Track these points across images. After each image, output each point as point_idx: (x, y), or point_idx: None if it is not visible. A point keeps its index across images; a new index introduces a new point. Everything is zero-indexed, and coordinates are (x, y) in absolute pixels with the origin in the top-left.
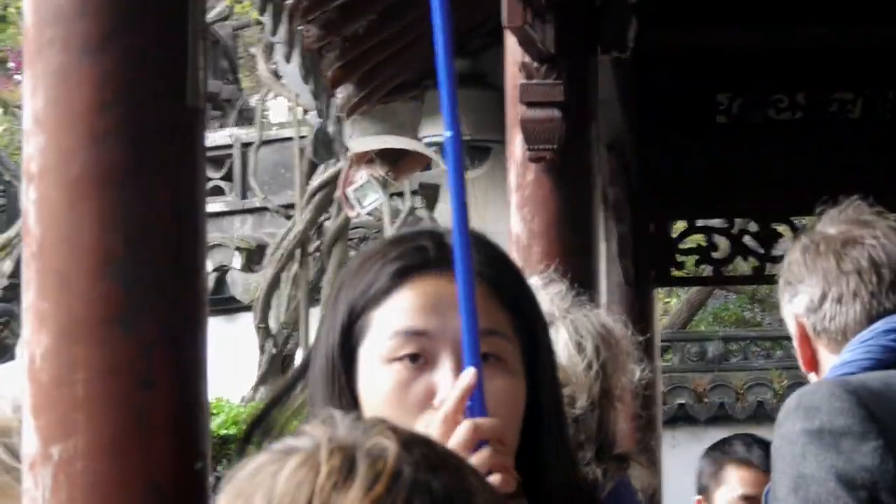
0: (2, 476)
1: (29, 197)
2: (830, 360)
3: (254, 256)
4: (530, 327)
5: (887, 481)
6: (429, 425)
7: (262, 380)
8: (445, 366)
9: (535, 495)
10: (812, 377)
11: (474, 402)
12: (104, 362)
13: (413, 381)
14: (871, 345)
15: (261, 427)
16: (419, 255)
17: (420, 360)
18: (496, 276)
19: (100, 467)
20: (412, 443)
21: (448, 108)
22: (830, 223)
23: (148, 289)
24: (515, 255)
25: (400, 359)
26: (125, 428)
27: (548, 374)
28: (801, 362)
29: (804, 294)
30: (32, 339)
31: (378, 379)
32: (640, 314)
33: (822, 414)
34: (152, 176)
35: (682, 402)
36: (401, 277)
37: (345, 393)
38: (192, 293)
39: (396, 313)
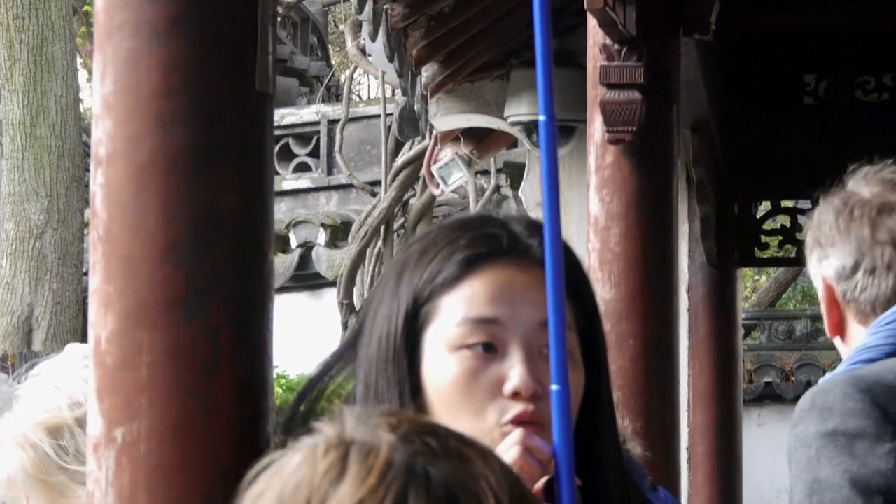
0: (57, 475)
1: (97, 181)
2: (857, 330)
3: (339, 233)
4: (588, 315)
5: None
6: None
7: None
8: (515, 356)
9: (591, 484)
10: (837, 342)
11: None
12: (168, 346)
13: (482, 369)
14: (893, 328)
15: (304, 404)
16: (490, 244)
17: (490, 349)
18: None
19: (163, 451)
20: (414, 433)
21: (543, 91)
22: (865, 183)
23: (212, 274)
24: (593, 238)
25: (470, 346)
26: (188, 412)
27: (604, 361)
28: (826, 325)
29: (835, 259)
30: (98, 322)
31: (446, 365)
32: (723, 294)
33: (835, 416)
34: (219, 162)
35: (769, 380)
36: (471, 266)
37: (406, 378)
38: (257, 278)
39: (467, 301)
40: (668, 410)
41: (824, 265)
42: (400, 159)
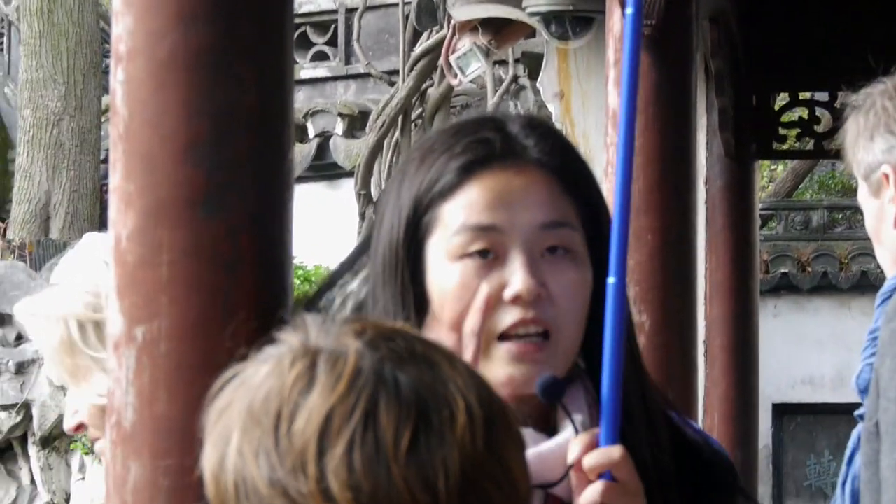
0: (79, 357)
1: (117, 78)
2: None
3: (356, 122)
4: (594, 215)
5: None
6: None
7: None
8: (516, 261)
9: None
10: (895, 234)
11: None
12: (188, 245)
13: (483, 276)
14: None
15: (315, 307)
16: (484, 148)
17: (490, 256)
18: (560, 164)
19: (183, 349)
20: (380, 338)
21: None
22: None
23: (232, 173)
24: (612, 131)
25: (470, 255)
26: (209, 311)
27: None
28: (891, 218)
29: None
30: (118, 220)
31: (447, 274)
32: (741, 186)
33: None
34: (239, 59)
35: (786, 271)
36: (467, 173)
37: (408, 289)
38: (277, 177)
39: (464, 209)
40: (686, 304)
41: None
42: (418, 49)
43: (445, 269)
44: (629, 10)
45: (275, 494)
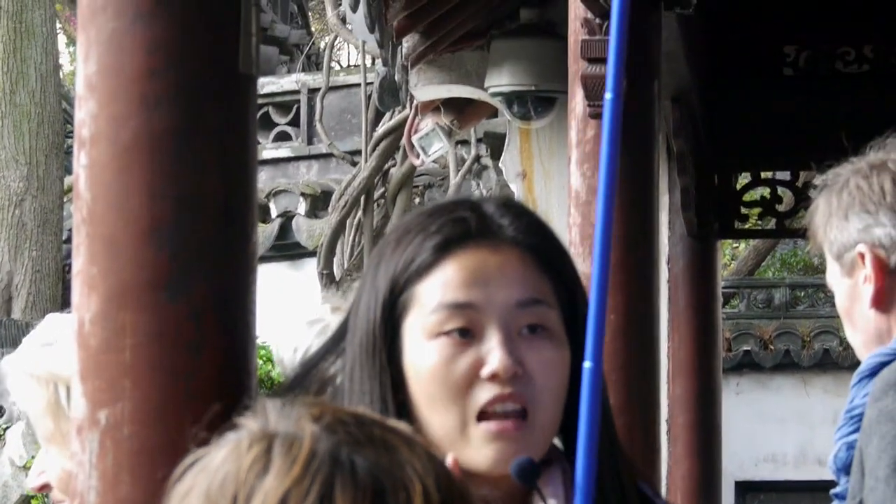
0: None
1: (80, 162)
2: None
3: (319, 202)
4: (571, 295)
5: None
6: None
7: None
8: (493, 338)
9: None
10: (872, 313)
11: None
12: (152, 328)
13: (460, 354)
14: None
15: (293, 394)
16: (460, 227)
17: (467, 335)
18: (536, 243)
19: (147, 433)
20: (337, 422)
21: (614, 68)
22: None
23: (196, 256)
24: (574, 212)
25: (447, 333)
26: (172, 394)
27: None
28: (866, 298)
29: (889, 228)
30: (81, 303)
31: (424, 353)
32: (703, 265)
33: None
34: (203, 143)
35: (748, 348)
36: (443, 251)
37: (385, 369)
38: (241, 260)
39: (440, 287)
40: (648, 384)
41: (873, 233)
42: (380, 129)
43: (422, 348)
44: (608, 96)
45: None
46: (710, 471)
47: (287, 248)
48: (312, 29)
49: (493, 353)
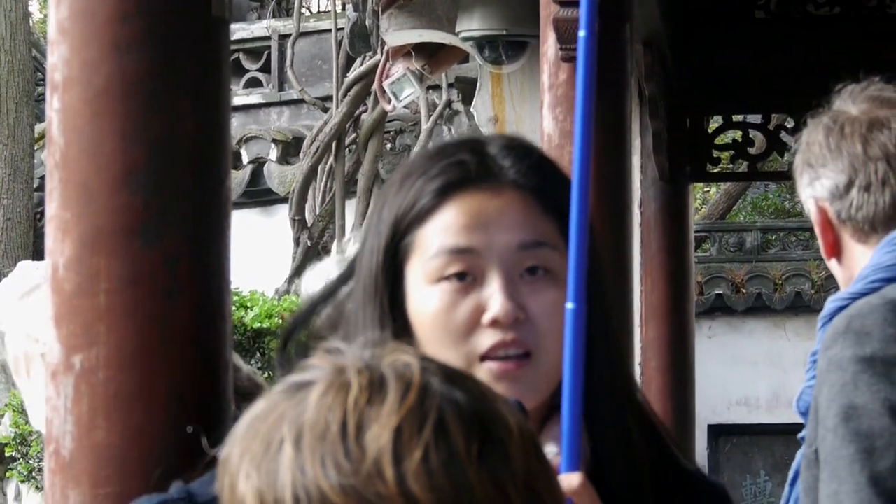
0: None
1: (53, 107)
2: (856, 249)
3: (290, 149)
4: None
5: None
6: None
7: (297, 272)
8: (493, 283)
9: (585, 406)
10: (833, 264)
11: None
12: (126, 273)
13: (461, 299)
14: None
15: (293, 341)
16: (460, 171)
17: (468, 279)
18: (538, 184)
19: (121, 377)
20: (426, 358)
21: (586, 5)
22: (852, 102)
23: (170, 200)
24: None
25: (447, 278)
26: (147, 339)
27: (596, 280)
28: (821, 248)
29: (828, 179)
30: (55, 248)
31: (425, 299)
32: (675, 209)
33: (874, 341)
34: (176, 87)
35: (720, 292)
36: (442, 195)
37: (387, 314)
38: (215, 205)
39: (441, 232)
40: (622, 326)
41: (816, 186)
42: (351, 75)
43: (423, 293)
44: (582, 33)
45: (349, 501)
46: (684, 414)
47: (259, 195)
48: None
49: (494, 298)
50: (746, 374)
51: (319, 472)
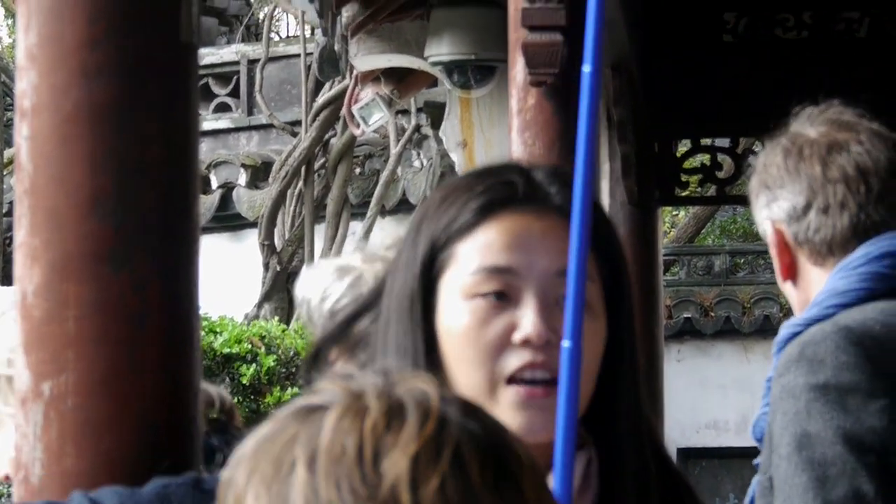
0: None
1: (21, 133)
2: (813, 272)
3: (259, 173)
4: (614, 270)
5: None
6: None
7: (266, 297)
8: (529, 304)
9: (606, 442)
10: (788, 286)
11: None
12: (95, 299)
13: (494, 317)
14: (864, 272)
15: (322, 355)
16: (506, 190)
17: (504, 298)
18: None
19: (91, 404)
20: (443, 388)
21: (592, 41)
22: (810, 124)
23: (139, 227)
24: None
25: (483, 295)
26: (116, 365)
27: (627, 313)
28: (777, 270)
29: (785, 201)
30: (24, 275)
31: (458, 313)
32: (644, 233)
33: (827, 368)
34: (145, 113)
35: (689, 315)
36: (487, 213)
37: (419, 326)
38: (183, 230)
39: (481, 249)
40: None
41: (773, 208)
42: (320, 99)
43: (457, 308)
44: (587, 69)
45: None
46: None
47: (228, 220)
48: (251, 0)
49: (527, 318)
50: (715, 397)
51: (334, 495)
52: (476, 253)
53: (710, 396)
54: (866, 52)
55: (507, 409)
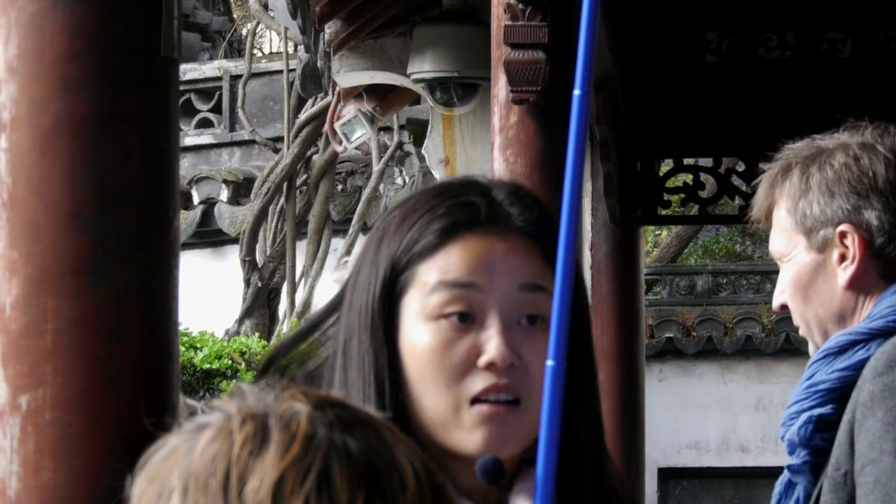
0: None
1: (0, 146)
2: (879, 286)
3: (241, 189)
4: (574, 290)
5: None
6: None
7: (247, 313)
8: (492, 326)
9: (564, 466)
10: (847, 294)
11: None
12: (74, 313)
13: (458, 339)
14: None
15: (275, 366)
16: (469, 212)
17: (468, 320)
18: (543, 235)
19: (68, 418)
20: (324, 404)
21: (583, 64)
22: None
23: (118, 241)
24: None
25: (446, 316)
26: (94, 379)
27: (586, 332)
28: (839, 277)
29: (879, 212)
30: (2, 288)
31: (420, 335)
32: (626, 252)
33: None
34: (124, 127)
35: (671, 335)
36: (449, 235)
37: (383, 346)
38: (162, 245)
39: (443, 268)
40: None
41: (865, 214)
42: (303, 116)
43: (420, 329)
44: (577, 92)
45: None
46: (634, 457)
47: (209, 235)
48: (234, 15)
49: (492, 342)
50: (696, 417)
51: None
52: (438, 272)
53: (692, 416)
54: (849, 72)
55: (470, 427)
